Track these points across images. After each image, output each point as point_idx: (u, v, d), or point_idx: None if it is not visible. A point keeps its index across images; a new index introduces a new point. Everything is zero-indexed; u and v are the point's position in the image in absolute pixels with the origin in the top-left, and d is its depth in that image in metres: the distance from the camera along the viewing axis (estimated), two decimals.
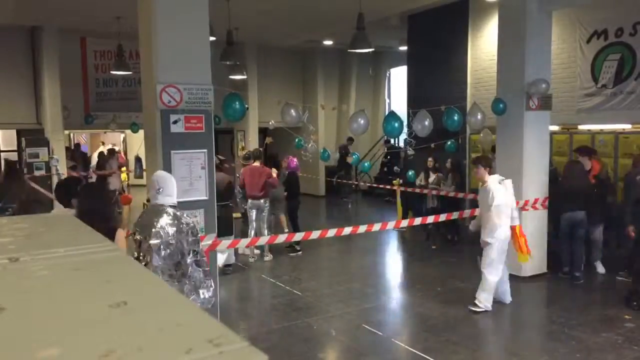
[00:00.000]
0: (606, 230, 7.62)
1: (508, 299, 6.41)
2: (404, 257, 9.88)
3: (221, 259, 8.00)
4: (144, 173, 10.39)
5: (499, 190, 6.07)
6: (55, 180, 11.36)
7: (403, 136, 11.20)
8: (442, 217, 7.64)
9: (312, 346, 5.46)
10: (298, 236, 7.18)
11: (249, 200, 8.70)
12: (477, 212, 6.67)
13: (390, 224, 7.44)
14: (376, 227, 6.99)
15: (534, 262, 7.54)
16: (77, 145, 17.00)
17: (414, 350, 5.27)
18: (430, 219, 7.74)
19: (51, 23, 12.23)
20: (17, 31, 12.71)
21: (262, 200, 8.66)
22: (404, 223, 7.92)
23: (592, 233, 7.49)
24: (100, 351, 0.76)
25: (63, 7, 10.45)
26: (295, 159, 9.51)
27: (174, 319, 0.91)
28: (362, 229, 6.94)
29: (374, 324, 5.93)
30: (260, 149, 9.72)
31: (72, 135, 18.03)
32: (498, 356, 5.35)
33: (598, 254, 7.61)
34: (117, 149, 16.38)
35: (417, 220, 7.61)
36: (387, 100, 17.89)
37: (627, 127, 8.72)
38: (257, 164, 8.69)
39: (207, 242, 5.26)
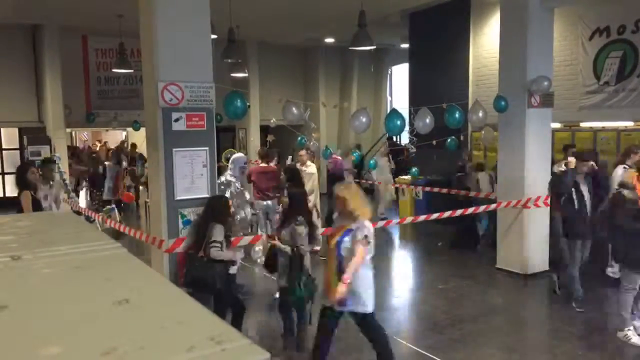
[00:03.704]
0: None
1: None
2: (406, 255, 9.88)
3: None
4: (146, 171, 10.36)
5: None
6: (57, 178, 11.37)
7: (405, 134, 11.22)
8: (447, 214, 7.62)
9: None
10: None
11: (260, 202, 8.16)
12: None
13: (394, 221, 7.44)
14: (380, 224, 7.00)
15: (537, 260, 7.54)
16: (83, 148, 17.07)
17: (417, 348, 5.27)
18: (434, 216, 7.74)
19: (52, 21, 12.24)
20: (19, 30, 12.72)
21: (271, 202, 8.26)
22: (409, 220, 7.92)
23: None
24: (102, 349, 0.76)
25: (64, 5, 10.45)
26: (338, 158, 9.28)
27: (176, 316, 0.91)
28: None
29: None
30: (265, 148, 9.25)
31: (73, 133, 18.05)
32: (500, 354, 5.34)
33: None
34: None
35: (421, 217, 7.61)
36: (389, 98, 17.87)
37: (629, 124, 8.70)
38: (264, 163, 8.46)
39: None
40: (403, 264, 9.31)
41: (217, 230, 4.79)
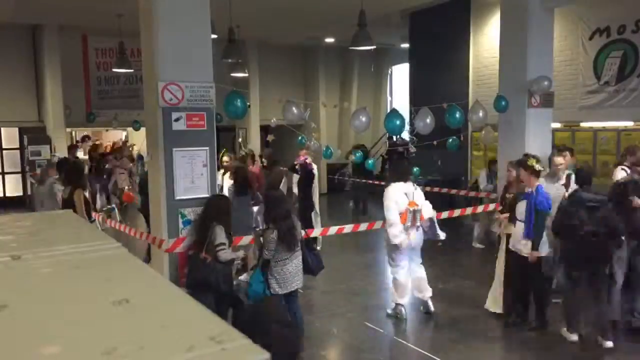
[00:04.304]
0: None
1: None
2: None
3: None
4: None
5: None
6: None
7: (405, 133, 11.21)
8: (445, 215, 7.62)
9: (314, 344, 5.46)
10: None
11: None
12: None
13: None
14: (378, 224, 6.99)
15: None
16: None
17: (416, 348, 5.28)
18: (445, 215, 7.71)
19: (52, 21, 12.24)
20: (19, 29, 12.72)
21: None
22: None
23: None
24: (102, 348, 0.76)
25: (64, 4, 10.45)
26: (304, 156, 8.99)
27: (176, 316, 0.91)
28: (363, 226, 6.96)
29: (376, 322, 5.93)
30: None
31: (73, 133, 18.05)
32: (500, 354, 5.35)
33: None
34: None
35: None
36: (389, 98, 17.88)
37: (629, 124, 8.70)
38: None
39: None
40: None
41: (219, 232, 4.80)
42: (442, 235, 6.15)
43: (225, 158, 8.70)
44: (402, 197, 5.84)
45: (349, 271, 8.16)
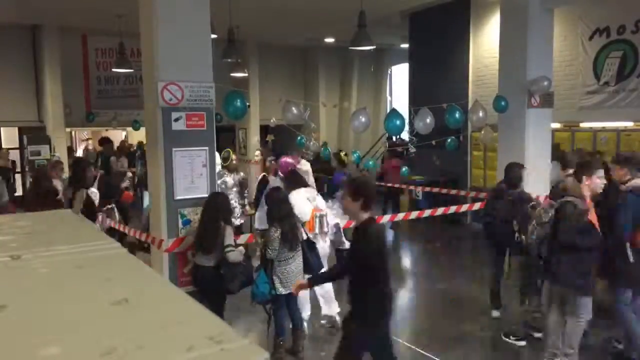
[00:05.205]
0: None
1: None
2: (404, 255, 9.88)
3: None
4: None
5: None
6: None
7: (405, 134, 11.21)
8: (439, 211, 7.63)
9: (314, 344, 5.46)
10: None
11: None
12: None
13: (385, 217, 7.48)
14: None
15: None
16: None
17: (415, 348, 5.28)
18: (428, 213, 7.73)
19: (52, 21, 12.24)
20: (19, 29, 12.72)
21: None
22: (400, 216, 7.94)
23: None
24: (102, 349, 0.76)
25: (64, 5, 10.45)
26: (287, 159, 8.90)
27: (175, 316, 0.91)
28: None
29: None
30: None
31: (73, 133, 18.05)
32: (500, 354, 5.35)
33: None
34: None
35: (413, 214, 7.65)
36: (389, 98, 17.87)
37: (629, 124, 8.70)
38: None
39: None
40: (401, 264, 9.30)
41: (229, 233, 4.77)
42: (347, 244, 5.38)
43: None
44: (305, 203, 5.45)
45: None
